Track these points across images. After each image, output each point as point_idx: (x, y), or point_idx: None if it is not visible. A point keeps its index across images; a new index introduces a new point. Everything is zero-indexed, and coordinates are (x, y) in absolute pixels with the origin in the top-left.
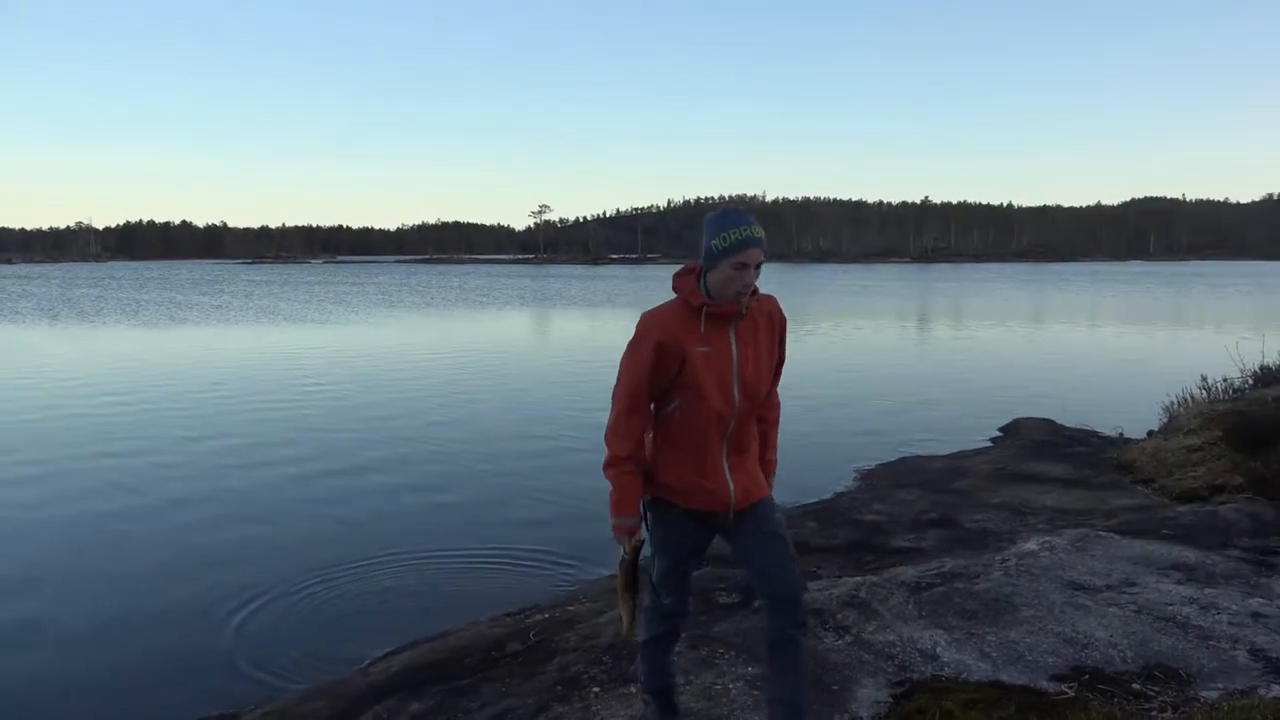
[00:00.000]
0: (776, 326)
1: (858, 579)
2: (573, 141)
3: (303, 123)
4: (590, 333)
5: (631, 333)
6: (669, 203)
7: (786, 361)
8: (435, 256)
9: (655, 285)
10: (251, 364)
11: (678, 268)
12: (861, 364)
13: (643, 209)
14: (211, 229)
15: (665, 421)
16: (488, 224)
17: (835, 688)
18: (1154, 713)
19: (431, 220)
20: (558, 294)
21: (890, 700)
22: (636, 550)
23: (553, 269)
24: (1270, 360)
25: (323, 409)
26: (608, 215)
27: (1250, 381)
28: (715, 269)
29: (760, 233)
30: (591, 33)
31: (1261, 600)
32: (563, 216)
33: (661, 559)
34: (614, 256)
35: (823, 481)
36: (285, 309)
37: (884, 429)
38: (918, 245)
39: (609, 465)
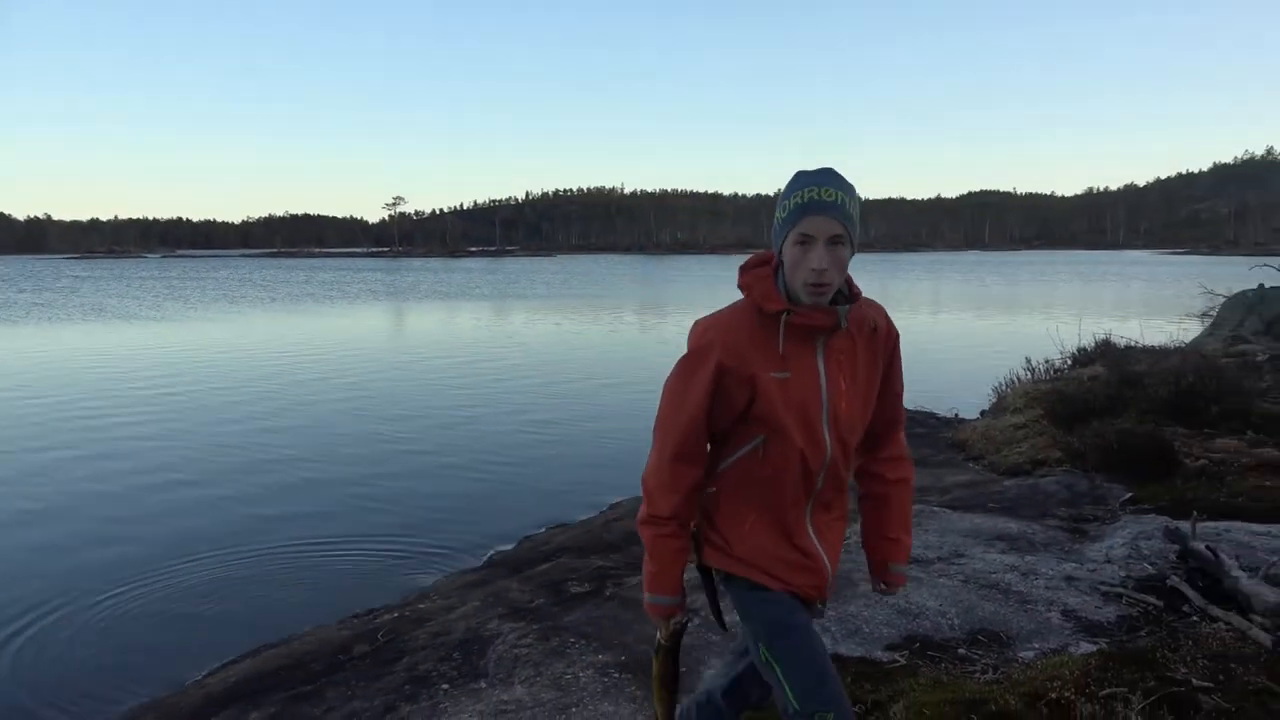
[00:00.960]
0: (882, 344)
1: None
2: (429, 131)
3: (138, 108)
4: (442, 326)
5: (681, 347)
6: (527, 195)
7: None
8: (284, 250)
9: (514, 277)
10: (76, 366)
11: (539, 260)
12: None
13: (501, 201)
14: (33, 222)
15: (734, 469)
16: (340, 216)
17: (683, 669)
18: (977, 674)
19: (279, 213)
20: (410, 287)
21: None
22: (677, 636)
23: (408, 263)
24: (1085, 342)
25: (156, 410)
26: (465, 207)
27: (1069, 362)
28: (782, 253)
29: (834, 194)
30: (449, 19)
31: (1074, 564)
32: (418, 209)
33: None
34: (472, 249)
35: None
36: (115, 306)
37: None
38: (770, 236)
39: (645, 523)
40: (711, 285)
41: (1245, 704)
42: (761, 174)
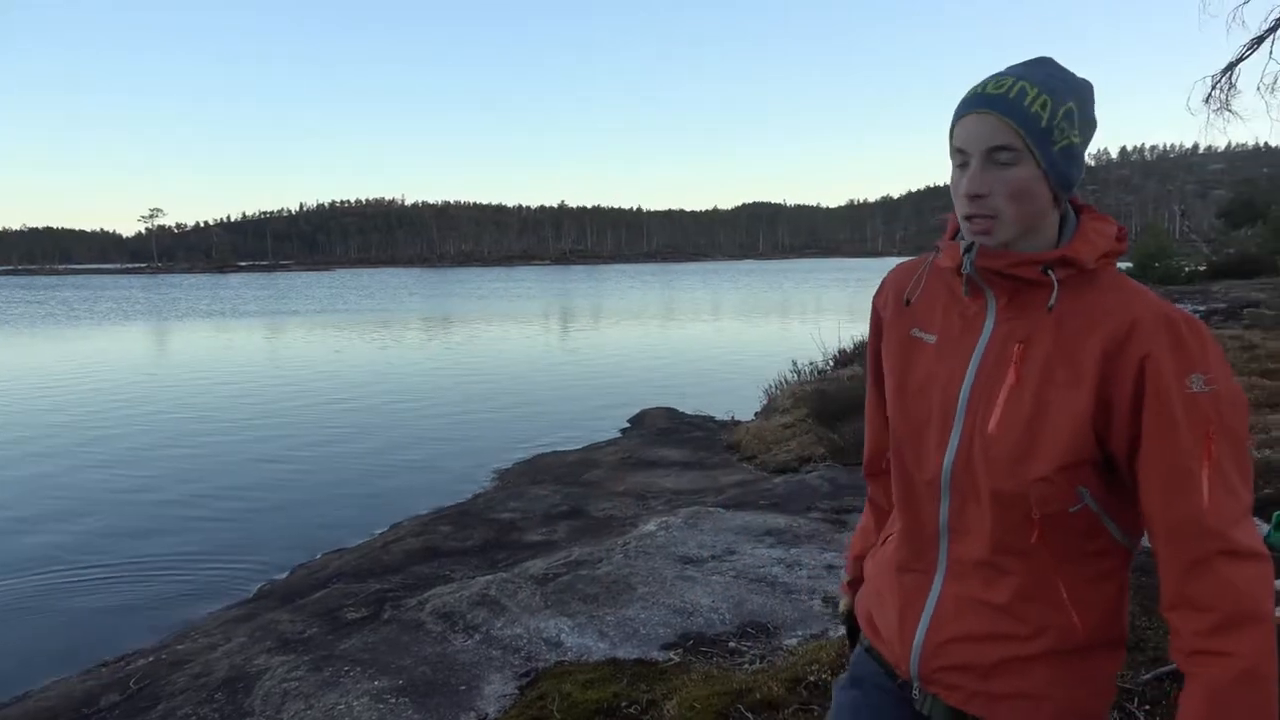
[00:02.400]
0: (1103, 355)
1: (489, 577)
2: (190, 139)
3: None
4: (204, 348)
5: None
6: (302, 206)
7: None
8: (22, 268)
9: (285, 292)
10: None
11: (316, 274)
12: (501, 365)
13: (273, 213)
14: None
15: None
16: (89, 230)
17: (463, 688)
18: (746, 665)
19: (16, 226)
20: (167, 306)
21: (516, 692)
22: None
23: (171, 279)
24: (845, 344)
25: None
26: (233, 220)
27: (831, 363)
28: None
29: (1008, 84)
30: (211, 19)
31: (834, 554)
32: (180, 221)
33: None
34: (242, 264)
35: (460, 486)
36: None
37: (522, 428)
38: (556, 248)
39: None
40: (498, 298)
41: None
42: (546, 185)
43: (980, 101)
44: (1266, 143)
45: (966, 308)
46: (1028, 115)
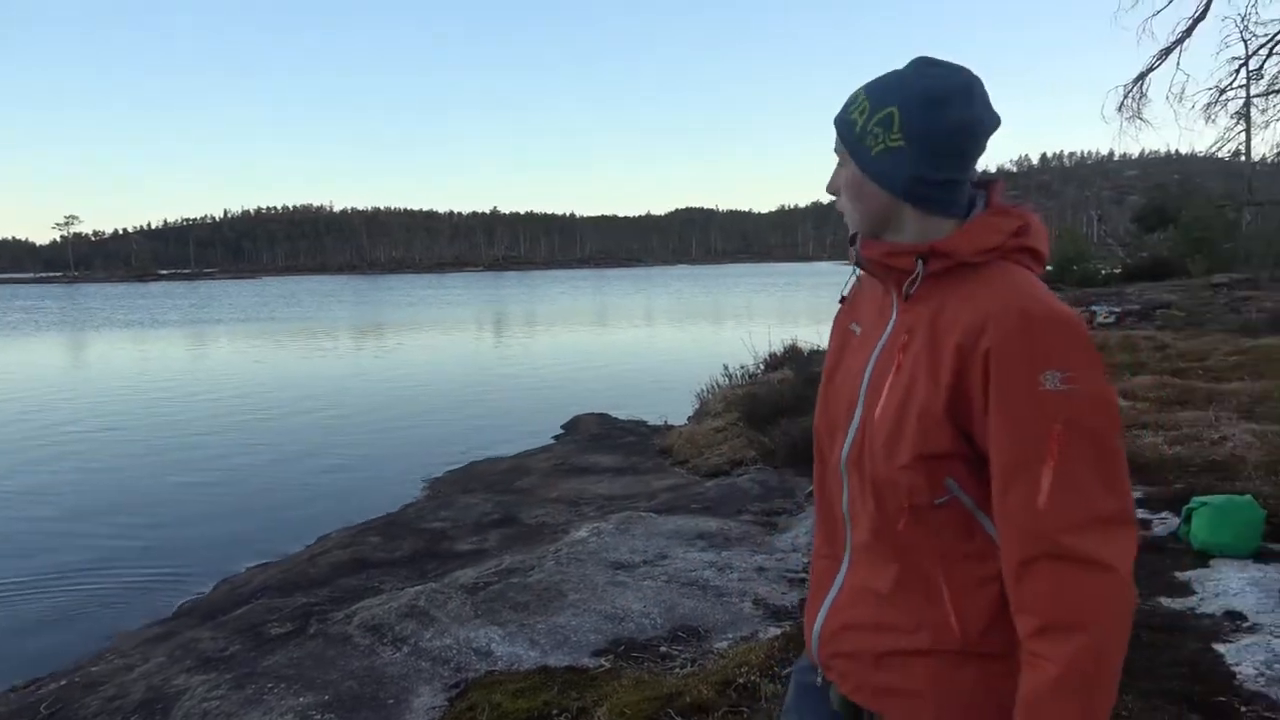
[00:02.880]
0: (953, 350)
1: (418, 588)
2: (107, 145)
3: None
4: (122, 358)
5: None
6: (226, 213)
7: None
8: None
9: (209, 301)
10: None
11: (241, 283)
12: (431, 373)
13: (196, 220)
14: None
15: None
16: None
17: (391, 701)
18: (676, 669)
19: None
20: (83, 316)
21: (445, 703)
22: None
23: (87, 288)
24: (776, 348)
25: None
26: (154, 227)
27: (761, 367)
28: None
29: (849, 110)
30: (129, 20)
31: (764, 556)
32: (98, 229)
33: None
34: (164, 272)
35: (390, 496)
36: None
37: (454, 437)
38: (489, 254)
39: None
40: (431, 305)
41: None
42: (479, 191)
43: (837, 123)
44: (1177, 150)
45: (883, 301)
46: (845, 122)
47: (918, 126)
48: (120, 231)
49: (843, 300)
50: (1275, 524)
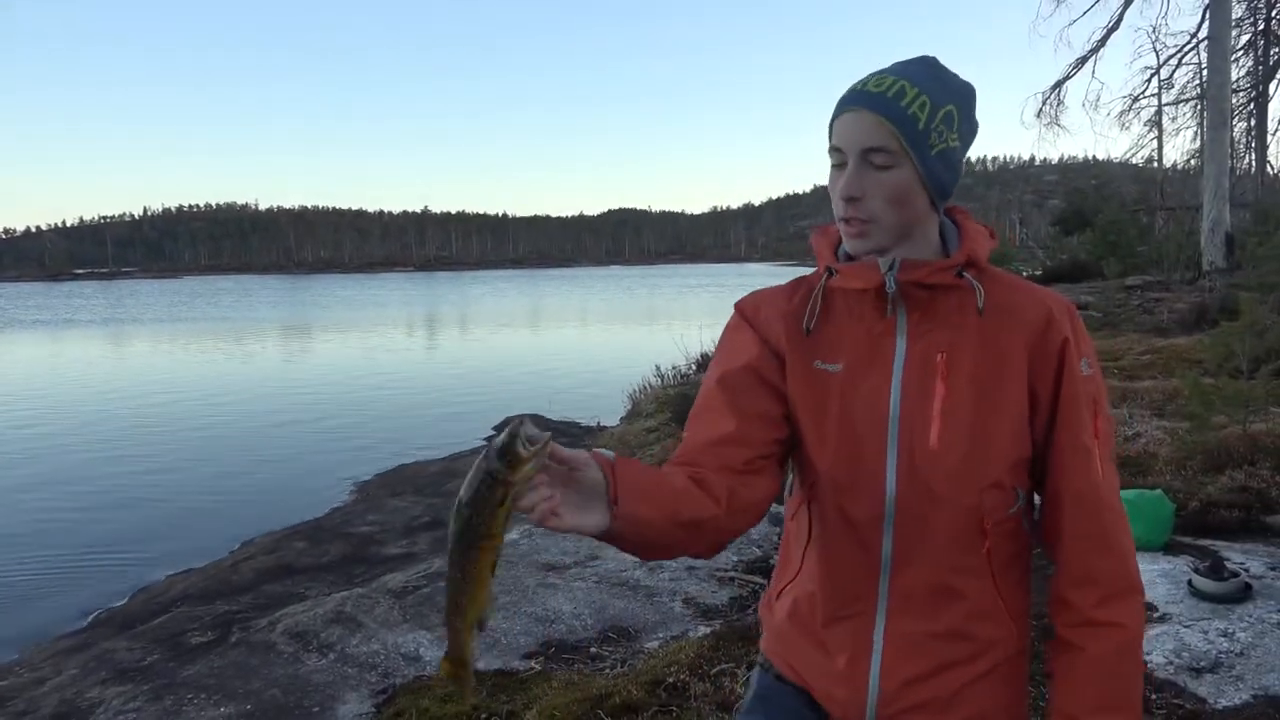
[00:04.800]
0: (1028, 340)
1: (344, 593)
2: (16, 137)
3: None
4: (30, 359)
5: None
6: (146, 210)
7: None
8: None
9: (124, 300)
10: None
11: (163, 282)
12: (358, 375)
13: (113, 218)
14: None
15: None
16: None
17: (316, 709)
18: (607, 670)
19: None
20: None
21: (372, 710)
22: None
23: None
24: (707, 348)
25: None
26: (69, 225)
27: (693, 367)
28: None
29: (886, 82)
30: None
31: None
32: (8, 226)
33: None
34: (80, 271)
35: (316, 500)
36: None
37: (383, 439)
38: (420, 254)
39: None
40: (361, 306)
41: None
42: (409, 190)
43: (859, 99)
44: (1094, 155)
45: (872, 328)
46: (905, 116)
47: (967, 127)
48: (33, 229)
49: (809, 331)
50: (1184, 517)
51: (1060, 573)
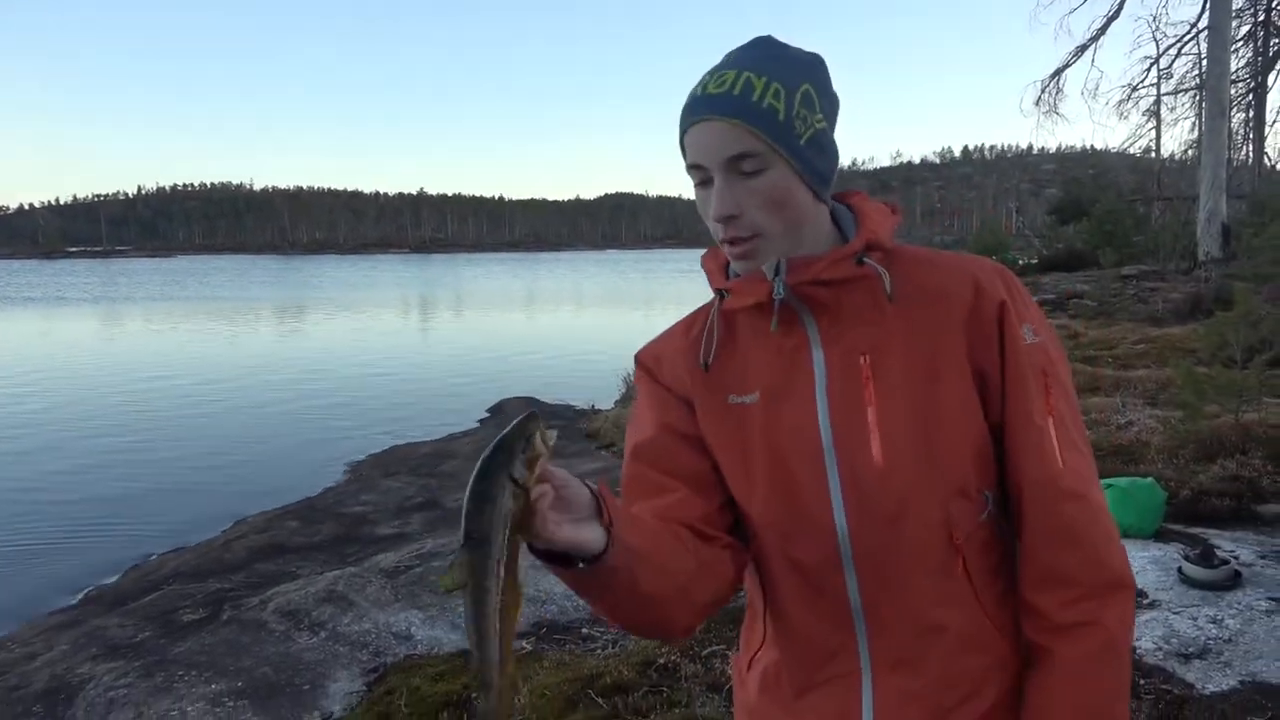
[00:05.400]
0: (963, 318)
1: (336, 572)
2: (9, 114)
3: None
4: (24, 335)
5: None
6: (140, 189)
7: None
8: None
9: (117, 278)
10: None
11: (157, 261)
12: (354, 356)
13: (107, 196)
14: None
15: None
16: None
17: (307, 687)
18: (598, 651)
19: None
20: None
21: (363, 688)
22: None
23: None
24: None
25: None
26: (63, 203)
27: None
28: None
29: (729, 78)
30: None
31: None
32: (1, 204)
33: None
34: (74, 249)
35: (309, 479)
36: None
37: (377, 420)
38: (416, 236)
39: None
40: (357, 288)
41: None
42: (406, 171)
43: (704, 106)
44: (1092, 145)
45: (782, 345)
46: (761, 111)
47: (828, 102)
48: (26, 206)
49: (706, 367)
50: (1175, 505)
51: (1021, 575)
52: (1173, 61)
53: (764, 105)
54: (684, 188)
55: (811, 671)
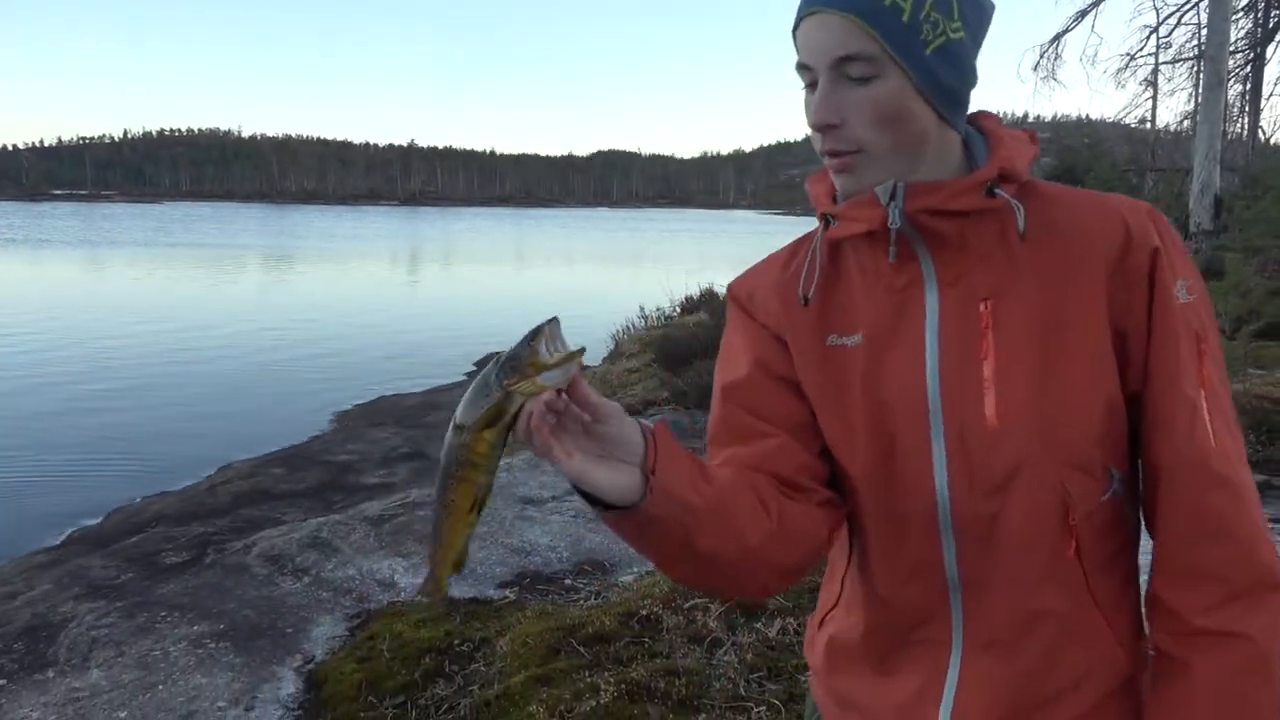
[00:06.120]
0: (1105, 265)
1: (321, 519)
2: None
3: None
4: (6, 279)
5: None
6: (126, 133)
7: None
8: None
9: (104, 224)
10: None
11: (142, 206)
12: (345, 306)
13: (93, 139)
14: None
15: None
16: None
17: (290, 630)
18: (581, 601)
19: None
20: None
21: (346, 633)
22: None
23: None
24: (692, 292)
25: None
26: (48, 144)
27: (678, 310)
28: None
29: None
30: None
31: None
32: None
33: None
34: (58, 192)
35: (295, 427)
36: None
37: (364, 370)
38: (405, 188)
39: None
40: (345, 239)
41: (801, 600)
42: (396, 122)
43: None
44: (1087, 114)
45: (892, 282)
46: (881, 8)
47: (975, 11)
48: (9, 147)
49: (805, 301)
50: None
51: (1157, 568)
52: (1172, 30)
53: (886, 4)
54: (676, 147)
55: (894, 642)
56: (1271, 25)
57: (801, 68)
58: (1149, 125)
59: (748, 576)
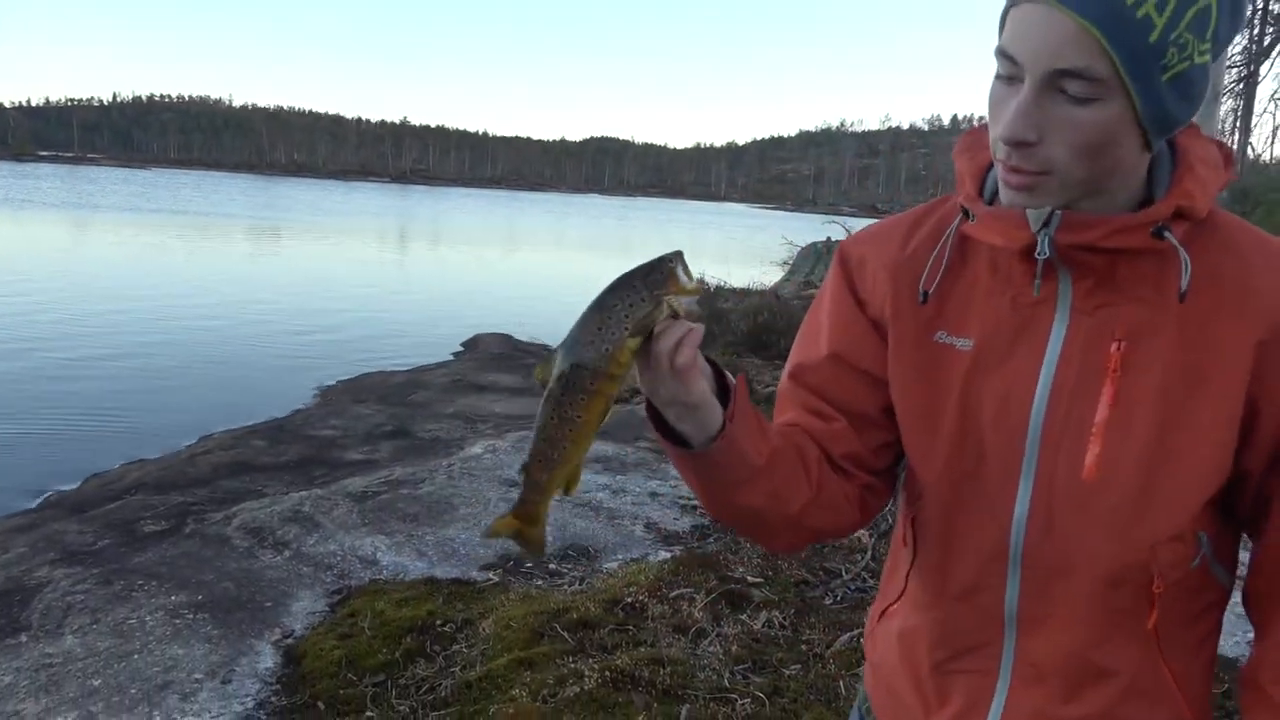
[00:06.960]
0: (1262, 329)
1: (303, 493)
2: None
3: None
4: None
5: None
6: (115, 97)
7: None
8: None
9: (89, 188)
10: None
11: (130, 171)
12: (332, 280)
13: (81, 101)
14: None
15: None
16: None
17: (269, 604)
18: (565, 586)
19: None
20: None
21: (326, 609)
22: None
23: None
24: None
25: None
26: (35, 104)
27: None
28: None
29: (1130, 3)
30: None
31: (658, 482)
32: None
33: None
34: (44, 154)
35: (278, 401)
36: None
37: (349, 346)
38: (396, 166)
39: None
40: (334, 214)
41: (787, 594)
42: (389, 99)
43: None
44: None
45: (1021, 295)
46: (1129, 23)
47: (1227, 24)
48: None
49: (925, 298)
50: None
51: (1262, 657)
52: None
53: (1138, 15)
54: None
55: (948, 653)
56: (1267, 43)
57: (1005, 56)
58: None
59: (779, 534)
